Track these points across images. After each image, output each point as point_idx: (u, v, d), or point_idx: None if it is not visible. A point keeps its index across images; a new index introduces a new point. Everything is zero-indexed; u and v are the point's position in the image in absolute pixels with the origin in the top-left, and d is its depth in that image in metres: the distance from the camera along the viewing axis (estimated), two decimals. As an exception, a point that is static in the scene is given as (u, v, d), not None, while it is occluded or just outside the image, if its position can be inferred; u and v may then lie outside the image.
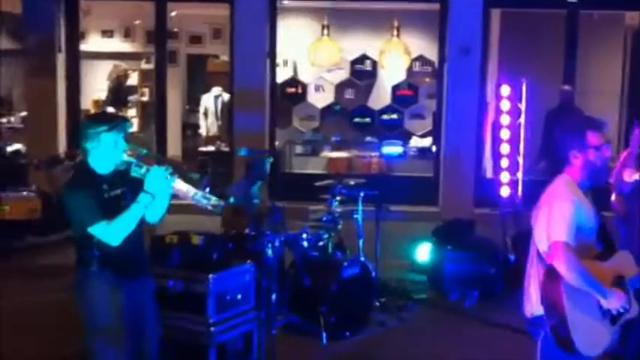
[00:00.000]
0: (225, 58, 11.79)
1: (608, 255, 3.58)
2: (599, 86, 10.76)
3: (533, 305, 3.55)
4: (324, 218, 6.49)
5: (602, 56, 10.86)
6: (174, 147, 11.83)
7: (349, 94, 11.60)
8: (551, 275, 3.41)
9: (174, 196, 3.82)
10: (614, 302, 3.41)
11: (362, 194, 6.54)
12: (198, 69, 12.88)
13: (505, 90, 7.78)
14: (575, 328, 3.34)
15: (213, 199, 3.80)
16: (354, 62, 11.46)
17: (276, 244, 5.55)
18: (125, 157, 3.73)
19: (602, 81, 10.88)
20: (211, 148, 11.76)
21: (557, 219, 3.40)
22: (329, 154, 11.34)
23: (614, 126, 10.25)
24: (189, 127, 12.72)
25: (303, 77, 11.56)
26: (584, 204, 3.50)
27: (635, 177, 3.91)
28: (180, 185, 3.76)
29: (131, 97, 12.70)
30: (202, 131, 12.29)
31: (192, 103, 12.76)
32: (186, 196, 3.78)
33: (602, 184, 3.67)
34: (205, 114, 12.16)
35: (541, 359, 3.56)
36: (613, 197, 4.76)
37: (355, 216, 6.60)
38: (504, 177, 7.94)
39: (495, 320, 6.36)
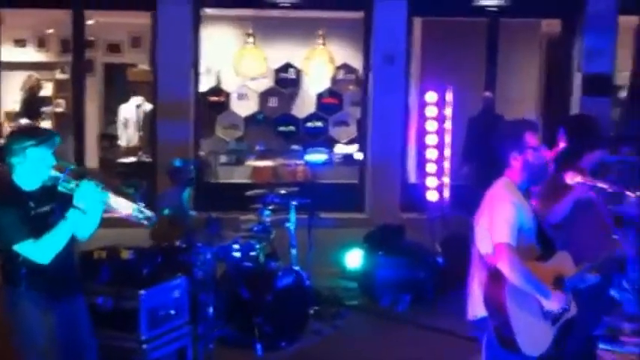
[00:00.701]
0: (144, 67, 11.53)
1: (548, 256, 3.65)
2: (518, 92, 11.06)
3: (477, 307, 3.58)
4: (255, 228, 6.41)
5: (521, 63, 11.17)
6: (92, 159, 11.46)
7: (273, 103, 11.53)
8: (494, 277, 3.46)
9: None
10: (555, 303, 3.48)
11: (294, 203, 6.50)
12: (116, 78, 12.54)
13: (431, 96, 7.90)
14: (519, 328, 3.40)
15: (148, 213, 3.68)
16: (278, 70, 11.40)
17: (208, 256, 5.47)
18: (53, 173, 3.56)
19: (521, 87, 11.19)
20: (132, 160, 11.46)
21: (500, 221, 3.46)
22: (254, 163, 11.22)
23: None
24: (108, 139, 12.35)
25: (225, 86, 11.43)
26: (524, 205, 3.57)
27: (578, 179, 4.00)
28: (114, 200, 3.60)
29: (45, 108, 12.24)
30: (122, 142, 11.96)
31: (110, 113, 12.41)
32: (121, 211, 3.63)
33: (541, 184, 3.75)
34: (125, 124, 11.84)
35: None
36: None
37: (287, 225, 6.55)
38: (431, 182, 8.06)
39: (428, 323, 6.44)
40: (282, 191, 6.66)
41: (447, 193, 8.10)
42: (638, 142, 7.37)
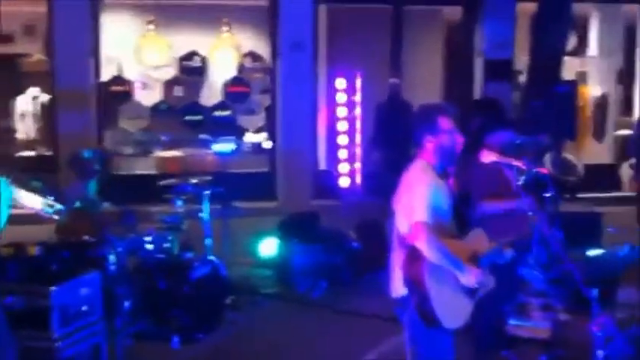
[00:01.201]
0: (39, 56, 11.06)
1: (464, 234, 3.74)
2: (423, 78, 11.25)
3: (399, 286, 3.64)
4: (168, 219, 6.27)
5: (424, 49, 11.38)
6: (-13, 154, 10.92)
7: (178, 92, 11.31)
8: (413, 255, 3.53)
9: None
10: (470, 278, 3.58)
11: (207, 192, 6.38)
12: (9, 69, 11.95)
13: (341, 83, 7.94)
14: (438, 303, 3.48)
15: (58, 206, 3.51)
16: (182, 59, 11.18)
17: (120, 249, 5.33)
18: None
19: (426, 73, 11.40)
20: (31, 153, 10.99)
21: (417, 201, 3.53)
22: (161, 153, 10.99)
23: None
24: (5, 132, 11.80)
25: (128, 75, 11.13)
26: (440, 186, 3.66)
27: (492, 158, 4.10)
28: (22, 196, 3.41)
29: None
30: (20, 135, 11.45)
31: (5, 106, 11.84)
32: (29, 206, 3.44)
33: (454, 166, 3.82)
34: (22, 117, 11.35)
35: (408, 337, 3.65)
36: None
37: (201, 214, 6.43)
38: (343, 168, 8.11)
39: (345, 307, 6.49)
40: (194, 181, 6.53)
41: (358, 179, 8.17)
42: (540, 124, 7.68)
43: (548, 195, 5.62)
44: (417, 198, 3.53)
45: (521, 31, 10.65)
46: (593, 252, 6.18)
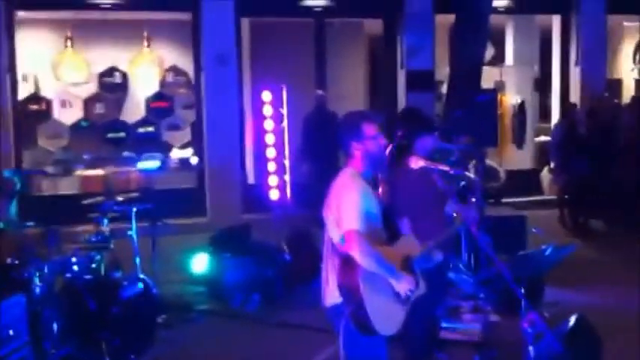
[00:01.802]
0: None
1: (394, 240, 3.77)
2: (348, 89, 11.39)
3: (332, 295, 3.64)
4: (94, 239, 6.10)
5: (348, 61, 11.52)
6: None
7: (99, 109, 11.12)
8: (347, 264, 3.53)
9: None
10: (404, 285, 3.60)
11: (135, 210, 6.25)
12: None
13: (267, 96, 7.94)
14: (373, 311, 3.49)
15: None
16: (102, 75, 10.98)
17: (45, 270, 5.16)
18: None
19: (350, 84, 11.54)
20: (-57, 176, 10.52)
21: (347, 209, 3.55)
22: (84, 172, 10.72)
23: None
24: None
25: (46, 93, 10.85)
26: (369, 193, 3.68)
27: (421, 163, 4.15)
28: None
29: None
30: None
31: None
32: None
33: (383, 172, 3.85)
34: None
35: (343, 346, 3.64)
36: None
37: (129, 233, 6.28)
38: (272, 181, 8.09)
39: (280, 320, 6.46)
40: (120, 199, 6.39)
41: (288, 192, 8.16)
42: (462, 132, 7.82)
43: (474, 200, 5.77)
44: (347, 206, 3.54)
45: (442, 43, 10.90)
46: (520, 253, 6.34)
